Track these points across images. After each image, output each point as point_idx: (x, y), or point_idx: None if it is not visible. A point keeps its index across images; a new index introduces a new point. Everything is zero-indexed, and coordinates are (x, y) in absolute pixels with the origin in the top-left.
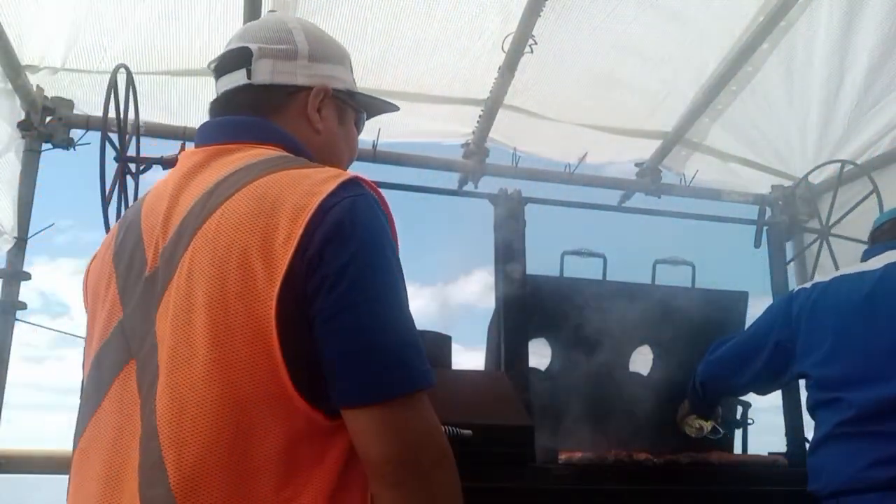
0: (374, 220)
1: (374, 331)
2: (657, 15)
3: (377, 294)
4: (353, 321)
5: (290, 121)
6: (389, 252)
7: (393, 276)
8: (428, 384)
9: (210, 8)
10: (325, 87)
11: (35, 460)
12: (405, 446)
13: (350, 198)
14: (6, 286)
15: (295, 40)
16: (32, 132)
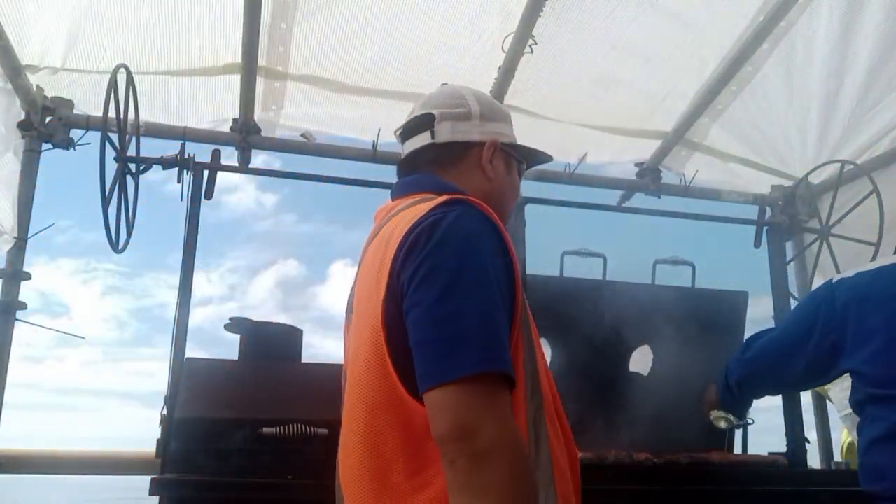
0: (448, 230)
1: (430, 325)
2: (657, 15)
3: (433, 298)
4: (417, 317)
5: (465, 171)
6: (458, 257)
7: (451, 281)
8: (471, 371)
9: (210, 8)
10: (495, 142)
11: (35, 460)
12: (454, 426)
13: (432, 217)
14: (6, 286)
15: (468, 104)
16: (32, 132)
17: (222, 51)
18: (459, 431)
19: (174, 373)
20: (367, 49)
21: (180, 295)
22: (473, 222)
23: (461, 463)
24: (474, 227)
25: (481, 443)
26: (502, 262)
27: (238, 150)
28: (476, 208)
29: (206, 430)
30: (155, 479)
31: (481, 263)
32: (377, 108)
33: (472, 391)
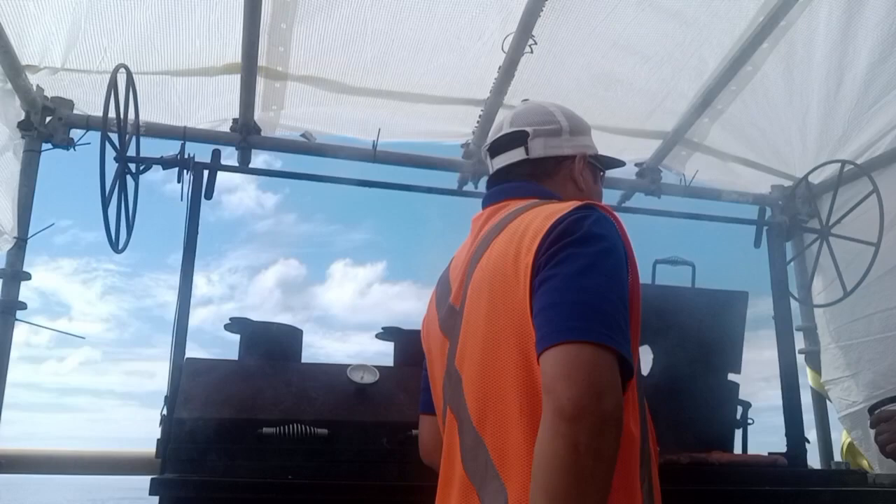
0: (592, 228)
1: (572, 290)
2: (657, 15)
3: (573, 271)
4: (556, 284)
5: (559, 183)
6: (599, 251)
7: (591, 263)
8: (595, 340)
9: (210, 8)
10: (584, 155)
11: (35, 460)
12: (589, 384)
13: (577, 215)
14: (6, 286)
15: (558, 120)
16: (32, 132)
17: (222, 51)
18: (593, 390)
19: (174, 373)
20: (367, 49)
21: (180, 295)
22: (612, 228)
23: (589, 421)
24: (613, 232)
25: (607, 408)
26: (627, 271)
27: (238, 150)
28: (611, 218)
29: (205, 430)
30: (155, 479)
31: (618, 262)
32: (377, 108)
33: (608, 358)
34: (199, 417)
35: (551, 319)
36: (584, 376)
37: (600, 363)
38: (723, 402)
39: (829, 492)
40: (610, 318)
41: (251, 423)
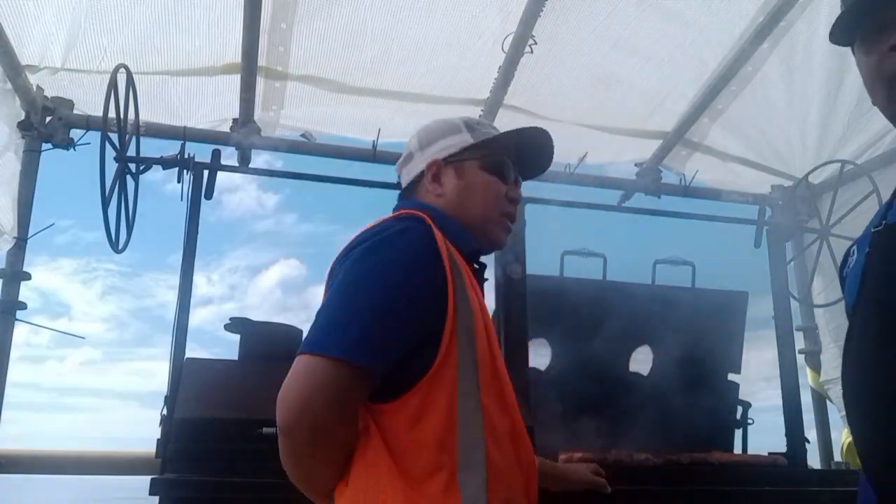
0: (378, 242)
1: (323, 304)
2: (657, 15)
3: (339, 283)
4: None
5: (422, 197)
6: (370, 264)
7: (357, 278)
8: (316, 351)
9: (210, 8)
10: (433, 162)
11: (35, 460)
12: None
13: (377, 228)
14: (6, 286)
15: (409, 145)
16: (32, 132)
17: (222, 51)
18: (304, 403)
19: (174, 373)
20: (367, 49)
21: (180, 295)
22: (407, 239)
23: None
24: (403, 243)
25: (316, 419)
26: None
27: (238, 150)
28: (420, 225)
29: (205, 430)
30: (155, 479)
31: (393, 272)
32: (377, 108)
33: (329, 368)
34: (199, 417)
35: (308, 332)
36: (296, 389)
37: (317, 374)
38: (723, 402)
39: (828, 492)
40: (349, 330)
41: (251, 423)
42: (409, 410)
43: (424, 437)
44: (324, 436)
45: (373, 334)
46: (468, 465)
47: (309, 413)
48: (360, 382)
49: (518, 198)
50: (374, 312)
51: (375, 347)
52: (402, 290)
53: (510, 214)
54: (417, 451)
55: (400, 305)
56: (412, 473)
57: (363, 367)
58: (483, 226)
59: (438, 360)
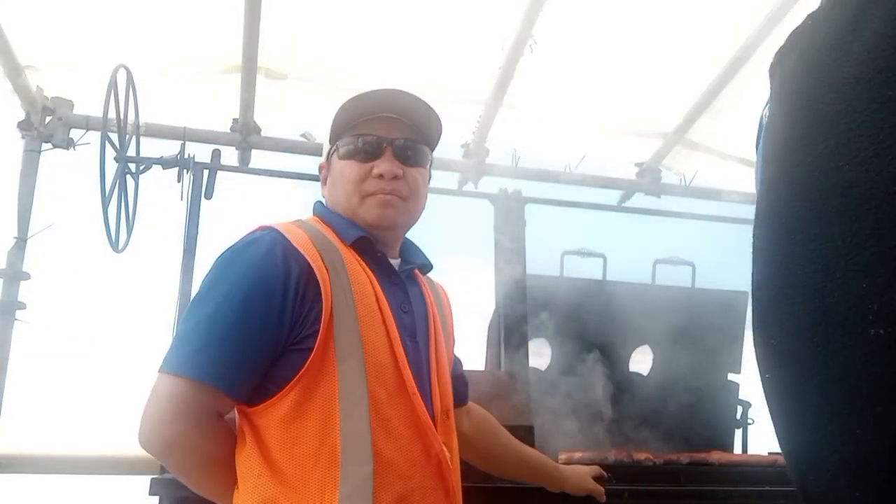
0: (224, 256)
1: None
2: (657, 15)
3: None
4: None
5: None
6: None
7: (204, 294)
8: (164, 370)
9: (210, 8)
10: (320, 166)
11: (35, 460)
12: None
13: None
14: (6, 286)
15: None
16: (32, 132)
17: (222, 51)
18: (153, 419)
19: None
20: (368, 49)
21: (180, 295)
22: (250, 250)
23: (155, 450)
24: (246, 255)
25: (167, 436)
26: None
27: (238, 150)
28: (267, 234)
29: None
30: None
31: (234, 287)
32: None
33: (174, 386)
34: None
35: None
36: (149, 407)
37: (163, 392)
38: (723, 402)
39: None
40: (188, 345)
41: None
42: (282, 410)
43: (302, 434)
44: (178, 448)
45: (209, 346)
46: (351, 460)
47: (154, 427)
48: (200, 395)
49: (387, 171)
50: (211, 326)
51: (212, 360)
52: (245, 300)
53: (377, 191)
54: (294, 449)
55: (241, 315)
56: (288, 471)
57: (200, 381)
58: (353, 212)
59: (312, 356)
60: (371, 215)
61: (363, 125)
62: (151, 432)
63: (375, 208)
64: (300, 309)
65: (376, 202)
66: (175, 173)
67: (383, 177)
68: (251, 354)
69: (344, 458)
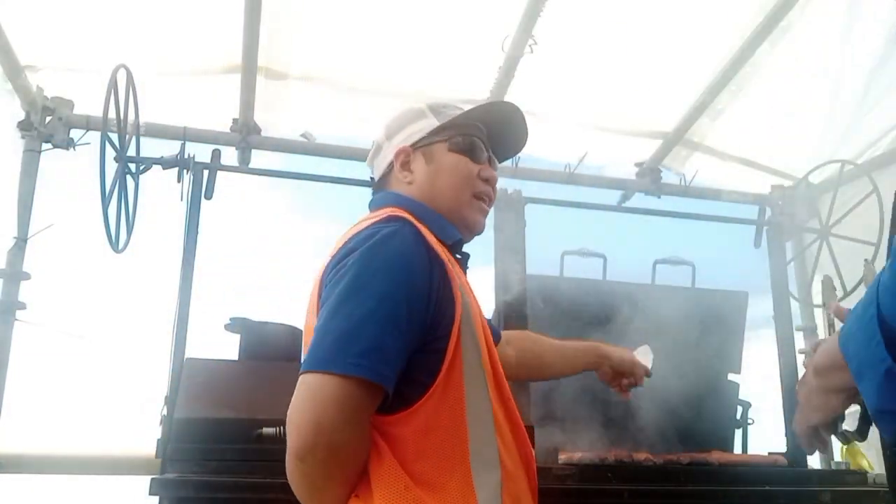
0: (371, 247)
1: (323, 318)
2: (657, 14)
3: (336, 294)
4: (321, 311)
5: (394, 187)
6: (366, 272)
7: (357, 286)
8: (323, 369)
9: (210, 8)
10: (401, 150)
11: (35, 460)
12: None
13: (366, 233)
14: (6, 286)
15: (376, 139)
16: (32, 132)
17: (222, 51)
18: (316, 425)
19: (174, 373)
20: (368, 49)
21: (180, 295)
22: (399, 243)
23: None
24: (396, 247)
25: (331, 441)
26: (416, 286)
27: (238, 150)
28: (405, 231)
29: (206, 430)
30: (155, 478)
31: (390, 279)
32: (377, 108)
33: (339, 387)
34: (199, 417)
35: (310, 347)
36: (309, 411)
37: (326, 394)
38: (723, 402)
39: (829, 492)
40: (354, 344)
41: (251, 423)
42: (419, 419)
43: (437, 444)
44: (340, 457)
45: (379, 346)
46: (483, 467)
47: (323, 435)
48: (370, 398)
49: (492, 177)
50: (378, 323)
51: (381, 358)
52: (403, 296)
53: (485, 195)
54: (430, 459)
55: (402, 313)
56: (429, 482)
57: (372, 382)
58: (457, 209)
59: (446, 364)
60: (474, 218)
61: (475, 128)
62: (318, 440)
63: (479, 213)
64: (438, 309)
65: (480, 208)
66: (175, 173)
67: (489, 182)
68: (404, 356)
69: (475, 464)
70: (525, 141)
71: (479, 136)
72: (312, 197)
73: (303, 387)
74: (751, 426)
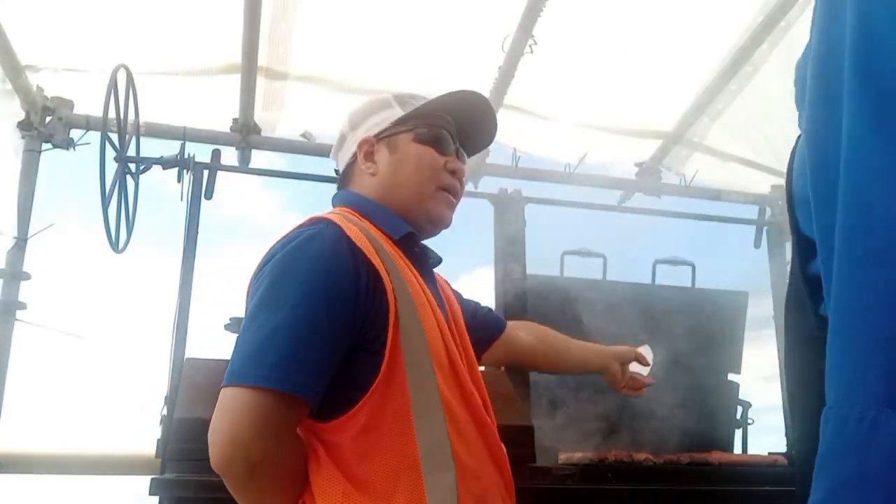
0: (286, 254)
1: (242, 330)
2: (657, 14)
3: (252, 307)
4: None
5: (356, 179)
6: (280, 279)
7: (270, 295)
8: (239, 382)
9: (210, 8)
10: (364, 140)
11: (35, 460)
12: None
13: (285, 240)
14: (6, 286)
15: (340, 129)
16: (32, 132)
17: (222, 51)
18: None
19: (174, 373)
20: (368, 49)
21: (180, 295)
22: (317, 246)
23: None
24: (313, 251)
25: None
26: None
27: (238, 150)
28: (327, 227)
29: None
30: (155, 478)
31: (305, 284)
32: None
33: (256, 400)
34: (199, 417)
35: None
36: (225, 425)
37: (246, 407)
38: (723, 402)
39: None
40: (268, 354)
41: None
42: (358, 423)
43: (379, 447)
44: (260, 470)
45: (294, 354)
46: (436, 468)
47: (240, 447)
48: (287, 409)
49: (459, 169)
50: (294, 331)
51: (297, 367)
52: (322, 299)
53: (450, 187)
54: (373, 464)
55: (322, 316)
56: (373, 489)
57: (287, 393)
58: (420, 201)
59: (385, 364)
60: (438, 211)
61: (441, 119)
62: (234, 453)
63: (444, 206)
64: (368, 310)
65: (446, 200)
66: (175, 173)
67: (456, 174)
68: (329, 362)
69: (426, 465)
70: (494, 135)
71: (447, 127)
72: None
73: (220, 401)
74: (751, 426)
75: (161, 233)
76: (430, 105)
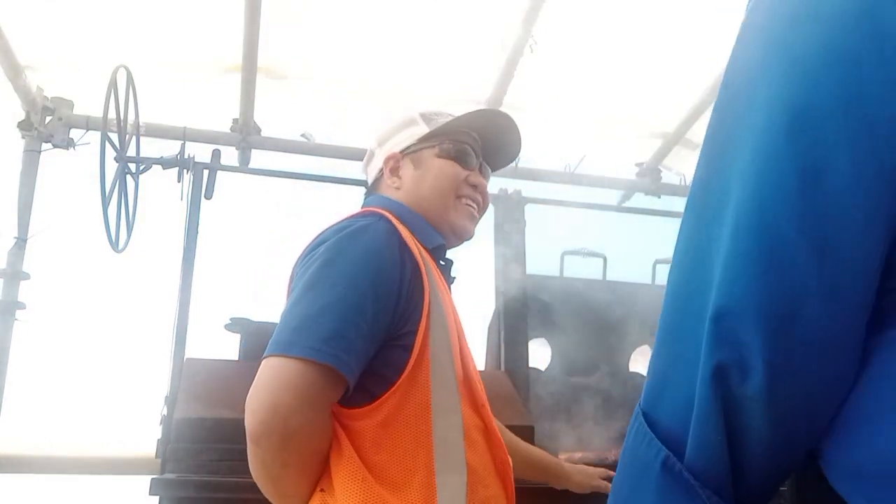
0: (340, 240)
1: (288, 305)
2: (657, 15)
3: (303, 284)
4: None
5: (384, 191)
6: (333, 262)
7: (322, 275)
8: (284, 352)
9: (210, 8)
10: (390, 156)
11: (35, 460)
12: (249, 402)
13: (338, 226)
14: (6, 286)
15: (369, 147)
16: (32, 132)
17: (222, 51)
18: (275, 407)
19: (174, 373)
20: (368, 49)
21: (180, 295)
22: (370, 236)
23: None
24: (366, 241)
25: (290, 425)
26: (389, 272)
27: (238, 150)
28: (380, 220)
29: (206, 430)
30: (155, 478)
31: (356, 270)
32: (377, 108)
33: (300, 371)
34: (199, 417)
35: (274, 332)
36: (266, 394)
37: (284, 378)
38: None
39: None
40: (317, 329)
41: None
42: (382, 414)
43: (398, 439)
44: (295, 443)
45: (341, 332)
46: (448, 468)
47: (280, 416)
48: (329, 385)
49: (480, 184)
50: (342, 310)
51: (344, 346)
52: (369, 285)
53: (472, 199)
54: (391, 454)
55: (368, 303)
56: (389, 479)
57: (332, 367)
58: (443, 213)
59: (413, 359)
60: (461, 223)
61: (465, 135)
62: (273, 421)
63: (466, 219)
64: (407, 304)
65: (468, 213)
66: (175, 173)
67: (477, 188)
68: (371, 348)
69: (439, 464)
70: (519, 150)
71: (471, 143)
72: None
73: (262, 370)
74: None
75: (161, 233)
76: (455, 122)
